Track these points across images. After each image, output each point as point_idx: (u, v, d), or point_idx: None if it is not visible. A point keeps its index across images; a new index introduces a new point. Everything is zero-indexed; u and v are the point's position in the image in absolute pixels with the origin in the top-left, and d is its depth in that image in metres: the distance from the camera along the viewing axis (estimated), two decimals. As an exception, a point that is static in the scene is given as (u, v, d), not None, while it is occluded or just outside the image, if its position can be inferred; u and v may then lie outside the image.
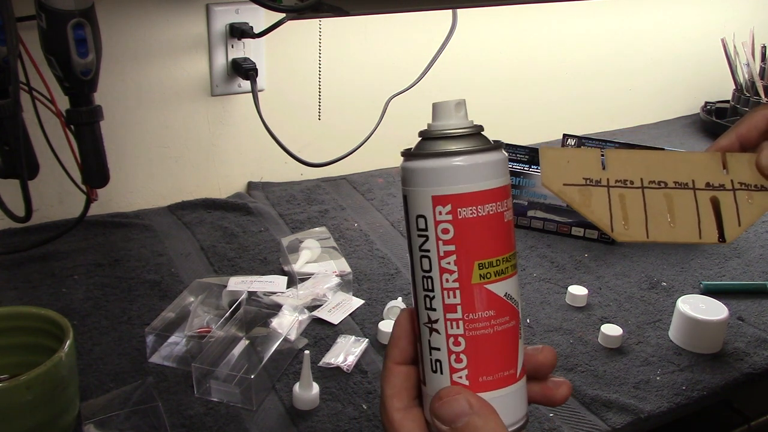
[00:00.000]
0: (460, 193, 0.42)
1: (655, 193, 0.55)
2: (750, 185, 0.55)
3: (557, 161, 0.56)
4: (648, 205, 0.54)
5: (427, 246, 0.42)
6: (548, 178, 0.55)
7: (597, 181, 0.55)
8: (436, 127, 0.46)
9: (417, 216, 0.42)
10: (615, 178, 0.56)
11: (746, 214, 0.55)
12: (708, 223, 0.54)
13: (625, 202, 0.54)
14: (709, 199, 0.55)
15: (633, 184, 0.55)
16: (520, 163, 1.14)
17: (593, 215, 0.54)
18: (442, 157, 0.43)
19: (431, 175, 0.43)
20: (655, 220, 0.54)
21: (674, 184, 0.55)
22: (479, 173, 0.43)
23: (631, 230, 0.54)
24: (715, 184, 0.55)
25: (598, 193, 0.55)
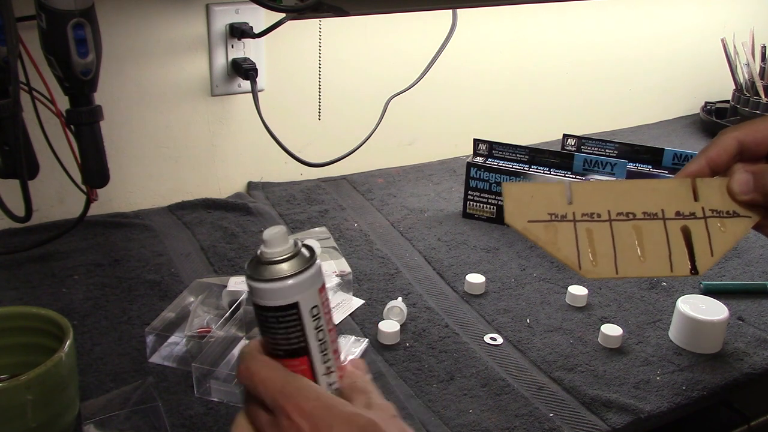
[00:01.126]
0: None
1: (623, 225, 0.53)
2: (722, 212, 0.54)
3: (520, 197, 0.54)
4: (616, 238, 0.53)
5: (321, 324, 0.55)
6: (512, 215, 0.53)
7: (563, 216, 0.53)
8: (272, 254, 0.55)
9: (311, 307, 0.54)
10: (581, 212, 0.53)
11: (719, 242, 0.53)
12: (679, 254, 0.52)
13: (593, 236, 0.52)
14: (680, 229, 0.53)
15: (600, 216, 0.53)
16: (520, 163, 1.14)
17: (560, 253, 0.52)
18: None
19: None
20: (625, 254, 0.52)
21: (643, 214, 0.53)
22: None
23: (600, 266, 0.51)
24: (685, 212, 0.54)
25: (564, 229, 0.53)
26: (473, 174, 1.14)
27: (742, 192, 0.53)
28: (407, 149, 1.39)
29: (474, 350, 0.85)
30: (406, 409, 0.75)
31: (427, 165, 1.39)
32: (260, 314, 0.55)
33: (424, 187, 1.29)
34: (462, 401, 0.77)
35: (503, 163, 1.14)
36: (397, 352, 0.84)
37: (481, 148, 1.17)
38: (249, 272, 0.54)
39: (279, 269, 0.54)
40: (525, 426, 0.74)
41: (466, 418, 0.74)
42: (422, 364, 0.82)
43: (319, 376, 0.56)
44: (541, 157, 1.13)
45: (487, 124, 1.45)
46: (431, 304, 0.94)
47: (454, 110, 1.41)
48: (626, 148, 1.18)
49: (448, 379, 0.80)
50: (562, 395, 0.79)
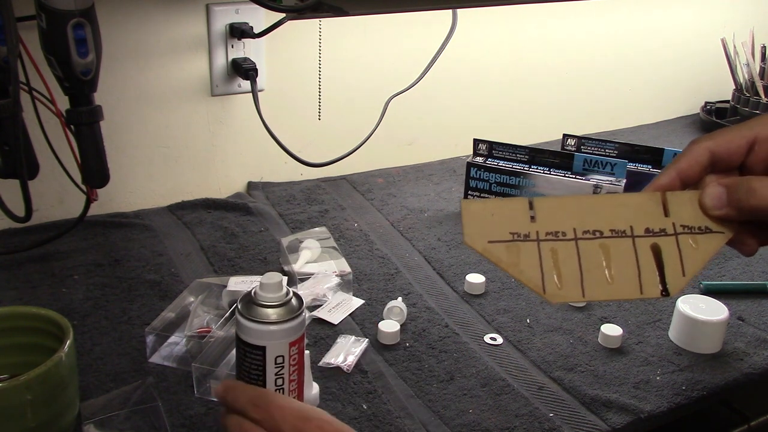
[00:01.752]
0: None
1: (590, 244, 0.50)
2: (693, 227, 0.50)
3: (480, 215, 0.50)
4: (583, 258, 0.49)
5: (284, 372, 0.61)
6: (471, 236, 0.49)
7: (526, 236, 0.50)
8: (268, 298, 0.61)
9: (276, 356, 0.60)
10: (545, 230, 0.50)
11: (690, 261, 0.50)
12: (649, 274, 0.49)
13: (558, 257, 0.49)
14: (650, 247, 0.50)
15: (565, 235, 0.50)
16: (520, 163, 1.14)
17: (523, 276, 0.49)
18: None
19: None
20: (592, 275, 0.49)
21: (611, 232, 0.50)
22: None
23: (565, 289, 0.48)
24: (655, 229, 0.50)
25: (527, 250, 0.49)
26: (473, 174, 1.14)
27: (715, 206, 0.50)
28: (407, 149, 1.39)
29: (474, 350, 0.85)
30: (406, 409, 0.75)
31: (427, 165, 1.39)
32: (236, 342, 0.61)
33: (424, 187, 1.29)
34: (462, 401, 0.77)
35: (503, 163, 1.14)
36: (397, 352, 0.84)
37: (481, 148, 1.17)
38: (238, 303, 0.61)
39: (257, 311, 0.60)
40: (525, 426, 0.74)
41: (466, 418, 0.74)
42: (422, 364, 0.82)
43: None
44: (541, 157, 1.13)
45: (487, 124, 1.45)
46: (431, 304, 0.94)
47: (454, 110, 1.41)
48: (626, 148, 1.18)
49: (448, 379, 0.80)
50: (562, 395, 0.79)
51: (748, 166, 0.52)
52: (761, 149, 0.51)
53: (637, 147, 1.18)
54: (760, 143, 0.51)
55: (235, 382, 0.60)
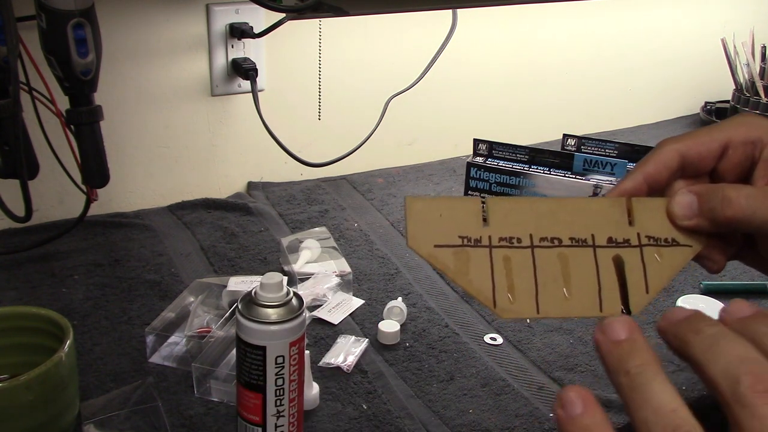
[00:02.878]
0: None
1: (547, 253, 0.45)
2: (659, 239, 0.46)
3: (427, 215, 0.45)
4: (539, 269, 0.44)
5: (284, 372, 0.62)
6: (415, 238, 0.44)
7: (477, 240, 0.44)
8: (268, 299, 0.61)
9: (276, 356, 0.60)
10: (499, 235, 0.45)
11: (655, 277, 0.45)
12: (610, 290, 0.44)
13: (511, 266, 0.44)
14: (612, 259, 0.45)
15: (521, 242, 0.45)
16: (520, 163, 1.14)
17: (471, 286, 0.43)
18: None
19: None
20: (548, 289, 0.44)
21: (570, 240, 0.45)
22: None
23: (518, 304, 0.43)
24: (618, 239, 0.46)
25: (477, 257, 0.44)
26: (473, 174, 1.14)
27: (685, 216, 0.45)
28: (407, 149, 1.39)
29: (474, 350, 0.85)
30: (406, 409, 0.75)
31: (427, 165, 1.39)
32: (236, 342, 0.62)
33: (424, 187, 1.29)
34: (462, 401, 0.77)
35: (503, 163, 1.14)
36: (397, 352, 0.84)
37: (481, 148, 1.17)
38: (239, 303, 0.61)
39: (258, 311, 0.60)
40: (525, 426, 0.74)
41: (466, 418, 0.74)
42: (422, 364, 0.82)
43: (267, 416, 0.62)
44: (541, 157, 1.13)
45: (487, 124, 1.45)
46: (431, 304, 0.94)
47: (454, 110, 1.41)
48: (626, 148, 1.18)
49: (448, 379, 0.80)
50: (562, 395, 0.79)
51: (720, 171, 0.48)
52: (735, 154, 0.47)
53: (637, 147, 1.18)
54: (734, 147, 0.47)
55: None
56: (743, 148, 0.46)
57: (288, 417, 0.63)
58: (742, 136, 0.46)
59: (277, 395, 0.61)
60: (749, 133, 0.46)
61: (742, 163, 0.47)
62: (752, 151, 0.46)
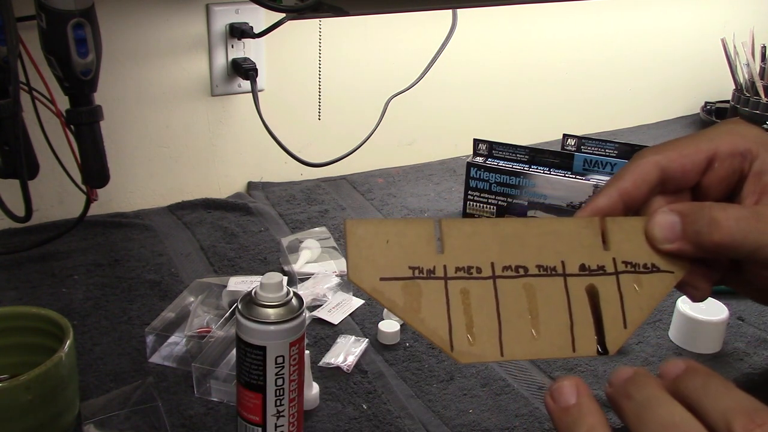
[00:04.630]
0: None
1: (511, 284, 0.39)
2: (637, 265, 0.41)
3: (371, 242, 0.38)
4: (502, 303, 0.39)
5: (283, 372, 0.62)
6: (357, 269, 0.37)
7: (430, 271, 0.38)
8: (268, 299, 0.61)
9: (276, 356, 0.60)
10: (456, 265, 0.39)
11: (633, 309, 0.40)
12: (583, 326, 0.39)
13: (470, 301, 0.38)
14: (585, 290, 0.40)
15: (481, 272, 0.39)
16: (520, 163, 1.14)
17: (424, 326, 0.37)
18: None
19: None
20: (512, 327, 0.38)
21: (537, 269, 0.40)
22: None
23: (479, 345, 0.38)
24: (592, 266, 0.40)
25: (431, 290, 0.38)
26: (473, 174, 1.14)
27: (666, 239, 0.40)
28: (407, 149, 1.39)
29: (474, 350, 0.85)
30: (406, 409, 0.75)
31: (427, 165, 1.39)
32: (236, 342, 0.61)
33: (424, 187, 1.29)
34: (462, 401, 0.77)
35: (503, 163, 1.14)
36: (397, 352, 0.84)
37: (481, 148, 1.17)
38: (239, 303, 0.61)
39: (258, 311, 0.60)
40: (525, 426, 0.74)
41: (466, 418, 0.74)
42: (422, 364, 0.82)
43: (267, 416, 0.62)
44: (541, 157, 1.13)
45: (487, 124, 1.45)
46: (431, 304, 0.93)
47: (454, 110, 1.41)
48: (626, 148, 1.18)
49: (448, 379, 0.80)
50: (562, 395, 0.79)
51: (704, 186, 0.43)
52: (721, 167, 0.42)
53: (637, 147, 1.18)
54: (721, 160, 0.42)
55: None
56: (731, 161, 0.42)
57: (288, 417, 0.63)
58: (729, 146, 0.42)
59: (277, 395, 0.61)
60: (737, 144, 0.42)
61: (729, 177, 0.42)
62: (740, 164, 0.42)
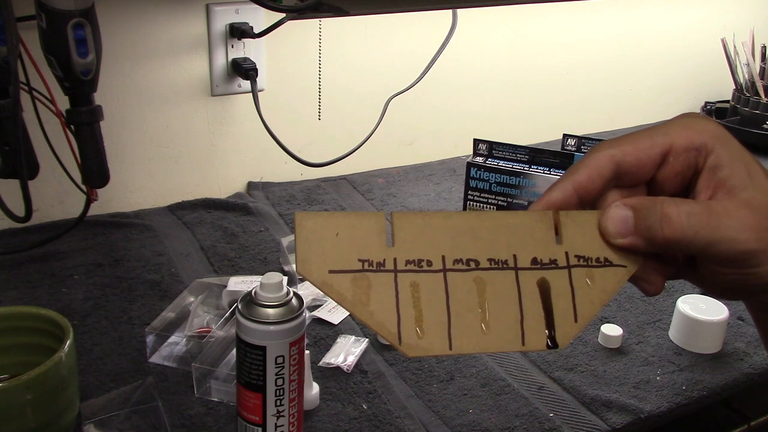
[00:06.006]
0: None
1: (462, 278, 0.39)
2: (590, 259, 0.41)
3: (321, 234, 0.38)
4: (452, 297, 0.39)
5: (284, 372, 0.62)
6: (306, 262, 0.37)
7: (380, 264, 0.38)
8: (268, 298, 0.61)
9: (276, 356, 0.60)
10: (406, 258, 0.39)
11: (585, 303, 0.40)
12: (534, 320, 0.39)
13: (420, 294, 0.38)
14: (536, 284, 0.40)
15: (431, 265, 0.39)
16: (520, 163, 1.14)
17: (372, 319, 0.37)
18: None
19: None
20: (462, 320, 0.38)
21: (489, 262, 0.40)
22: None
23: (427, 339, 0.38)
24: (544, 259, 0.40)
25: (380, 283, 0.38)
26: (473, 174, 1.14)
27: (619, 233, 0.41)
28: (407, 149, 1.39)
29: (474, 350, 0.85)
30: (406, 409, 0.75)
31: (427, 165, 1.39)
32: (236, 342, 0.62)
33: (424, 187, 1.29)
34: (462, 401, 0.77)
35: (503, 163, 1.14)
36: (397, 352, 0.84)
37: (481, 148, 1.17)
38: (239, 303, 0.61)
39: (258, 311, 0.60)
40: (525, 426, 0.74)
41: (466, 418, 0.74)
42: (422, 364, 0.82)
43: (267, 416, 0.62)
44: (541, 157, 1.13)
45: (487, 124, 1.45)
46: (431, 304, 0.93)
47: (454, 110, 1.41)
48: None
49: (448, 379, 0.80)
50: (562, 395, 0.79)
51: (659, 180, 0.43)
52: (676, 161, 0.42)
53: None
54: (676, 154, 0.42)
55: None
56: (686, 155, 0.42)
57: (288, 417, 0.63)
58: (685, 141, 0.42)
59: (277, 395, 0.62)
60: (693, 138, 0.42)
61: (683, 171, 0.42)
62: (695, 159, 0.42)
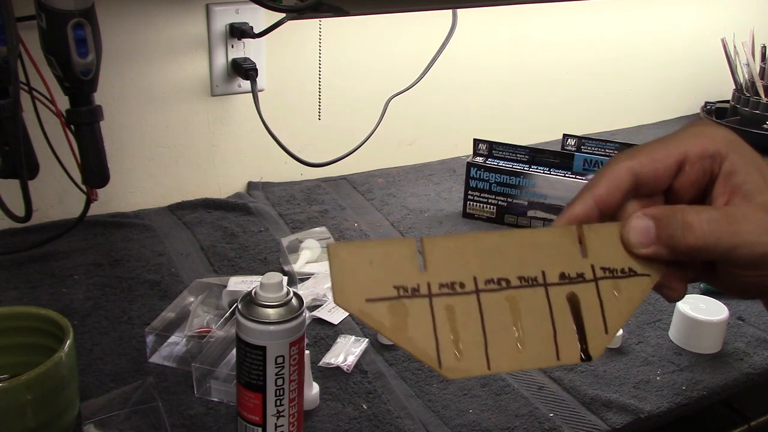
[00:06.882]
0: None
1: (494, 297, 0.40)
2: (615, 270, 0.42)
3: (355, 264, 0.38)
4: (486, 317, 0.39)
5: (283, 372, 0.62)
6: (343, 292, 0.38)
7: (414, 290, 0.39)
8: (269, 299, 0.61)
9: (276, 356, 0.61)
10: (439, 281, 0.39)
11: (613, 314, 0.41)
12: (566, 334, 0.40)
13: (455, 316, 0.39)
14: (566, 298, 0.41)
15: (464, 287, 0.39)
16: (520, 163, 1.14)
17: (412, 345, 0.38)
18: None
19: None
20: (498, 339, 0.39)
21: (519, 280, 0.40)
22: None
23: (466, 360, 0.38)
24: (571, 274, 0.41)
25: (416, 309, 0.38)
26: (473, 174, 1.15)
27: (642, 243, 0.42)
28: (407, 149, 1.39)
29: (474, 350, 0.85)
30: (406, 409, 0.75)
31: (427, 165, 1.39)
32: (236, 342, 0.62)
33: (424, 187, 1.29)
34: (462, 401, 0.77)
35: (503, 163, 1.14)
36: (397, 352, 0.84)
37: (481, 148, 1.17)
38: (239, 303, 0.61)
39: (258, 311, 0.60)
40: (525, 426, 0.74)
41: (466, 418, 0.74)
42: (422, 364, 0.82)
43: (267, 416, 0.62)
44: (541, 157, 1.13)
45: (487, 124, 1.45)
46: (431, 304, 0.93)
47: (454, 110, 1.41)
48: (626, 148, 1.18)
49: (448, 379, 0.80)
50: (562, 395, 0.79)
51: (676, 189, 0.44)
52: (692, 170, 0.43)
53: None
54: (691, 163, 0.43)
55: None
56: (701, 163, 0.43)
57: (288, 417, 0.63)
58: (699, 150, 0.43)
59: (277, 395, 0.62)
60: (707, 147, 0.43)
61: (699, 179, 0.44)
62: (710, 166, 0.43)
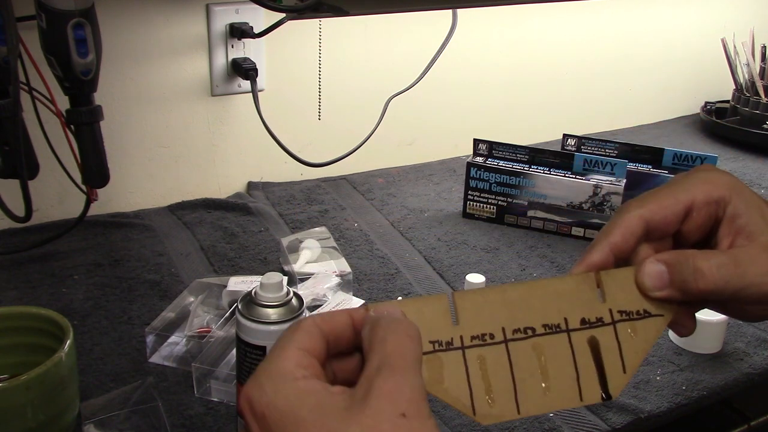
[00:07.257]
0: None
1: (522, 346, 0.42)
2: (631, 312, 0.44)
3: None
4: (515, 365, 0.42)
5: None
6: None
7: (448, 343, 0.41)
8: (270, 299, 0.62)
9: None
10: (471, 334, 0.42)
11: (631, 354, 0.43)
12: (588, 376, 0.43)
13: (487, 366, 0.41)
14: (587, 342, 0.43)
15: (494, 338, 0.42)
16: (520, 163, 1.14)
17: (448, 395, 0.40)
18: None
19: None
20: (526, 385, 0.41)
21: (544, 328, 0.43)
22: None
23: (498, 406, 0.41)
24: (591, 319, 0.44)
25: (451, 361, 0.41)
26: (473, 174, 1.14)
27: (656, 287, 0.45)
28: (407, 149, 1.39)
29: (474, 350, 0.85)
30: (406, 409, 0.75)
31: (427, 165, 1.39)
32: (236, 342, 0.61)
33: (424, 187, 1.29)
34: (462, 401, 0.77)
35: (503, 163, 1.14)
36: (397, 352, 0.84)
37: (481, 148, 1.17)
38: (239, 303, 0.61)
39: (258, 311, 0.60)
40: (525, 426, 0.74)
41: (466, 418, 0.74)
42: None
43: None
44: (541, 157, 1.13)
45: (487, 124, 1.45)
46: (431, 304, 0.93)
47: (454, 110, 1.41)
48: (626, 148, 1.18)
49: (448, 379, 0.80)
50: (562, 395, 0.79)
51: (684, 232, 0.47)
52: (698, 215, 0.47)
53: (637, 147, 1.18)
54: (698, 209, 0.47)
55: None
56: (707, 209, 0.46)
57: None
58: (704, 195, 0.46)
59: None
60: (711, 192, 0.46)
61: (705, 223, 0.47)
62: (715, 211, 0.46)
